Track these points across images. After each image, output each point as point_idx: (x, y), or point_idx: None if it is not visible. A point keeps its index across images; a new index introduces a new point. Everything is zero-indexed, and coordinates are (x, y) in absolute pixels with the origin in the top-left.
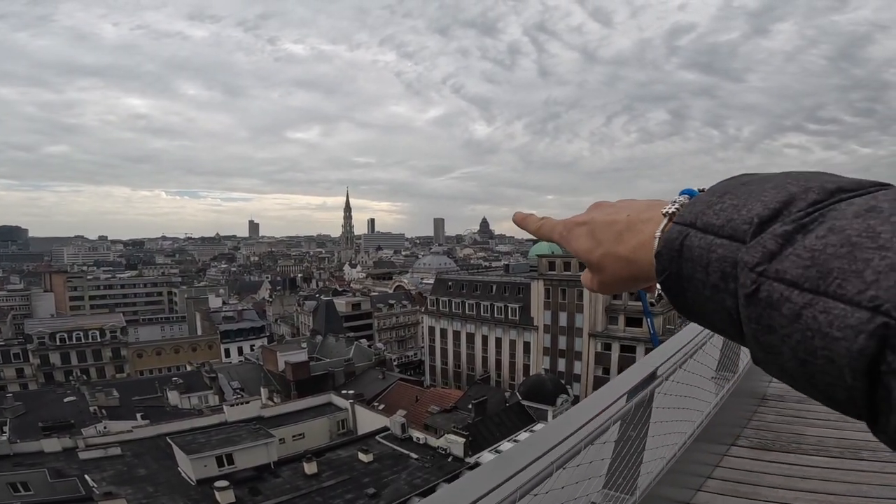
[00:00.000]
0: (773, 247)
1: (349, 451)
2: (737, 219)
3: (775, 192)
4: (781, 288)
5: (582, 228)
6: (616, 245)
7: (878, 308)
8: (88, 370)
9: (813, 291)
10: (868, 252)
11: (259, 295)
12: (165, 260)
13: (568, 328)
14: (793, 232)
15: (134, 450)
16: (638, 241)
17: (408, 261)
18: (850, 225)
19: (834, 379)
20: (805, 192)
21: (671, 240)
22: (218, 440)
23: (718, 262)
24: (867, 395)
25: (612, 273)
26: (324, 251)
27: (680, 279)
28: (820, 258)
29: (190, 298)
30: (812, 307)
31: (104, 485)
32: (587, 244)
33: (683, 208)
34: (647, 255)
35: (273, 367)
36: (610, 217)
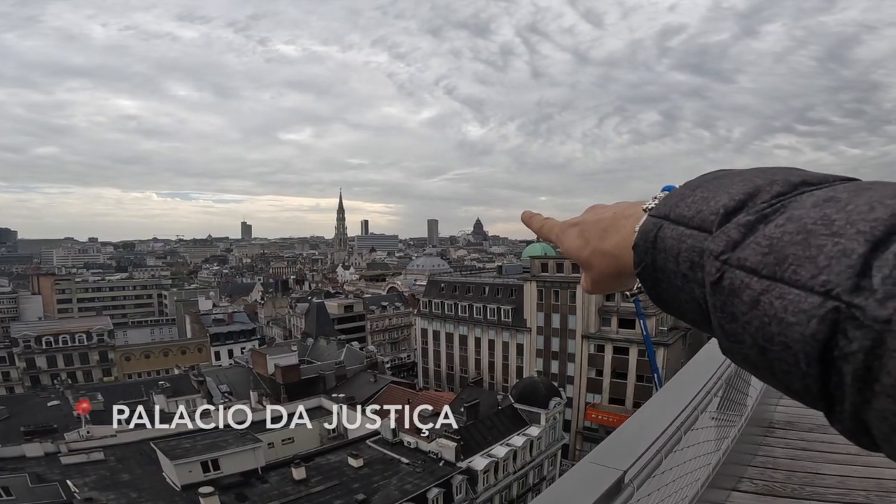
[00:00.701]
0: (736, 236)
1: (339, 456)
2: (705, 210)
3: (742, 185)
4: (742, 275)
5: (574, 229)
6: (601, 242)
7: (829, 293)
8: (75, 373)
9: (770, 278)
10: (822, 238)
11: (251, 297)
12: (156, 262)
13: (561, 330)
14: (755, 221)
15: (118, 455)
16: (620, 237)
17: (401, 262)
18: (808, 214)
19: (790, 366)
20: (770, 184)
21: (646, 231)
22: (203, 445)
23: (687, 251)
24: (821, 382)
25: (600, 270)
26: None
27: (655, 270)
28: (777, 245)
29: (179, 301)
30: (769, 293)
31: (86, 490)
32: (577, 243)
33: (659, 203)
34: (628, 251)
35: (263, 370)
36: (598, 216)
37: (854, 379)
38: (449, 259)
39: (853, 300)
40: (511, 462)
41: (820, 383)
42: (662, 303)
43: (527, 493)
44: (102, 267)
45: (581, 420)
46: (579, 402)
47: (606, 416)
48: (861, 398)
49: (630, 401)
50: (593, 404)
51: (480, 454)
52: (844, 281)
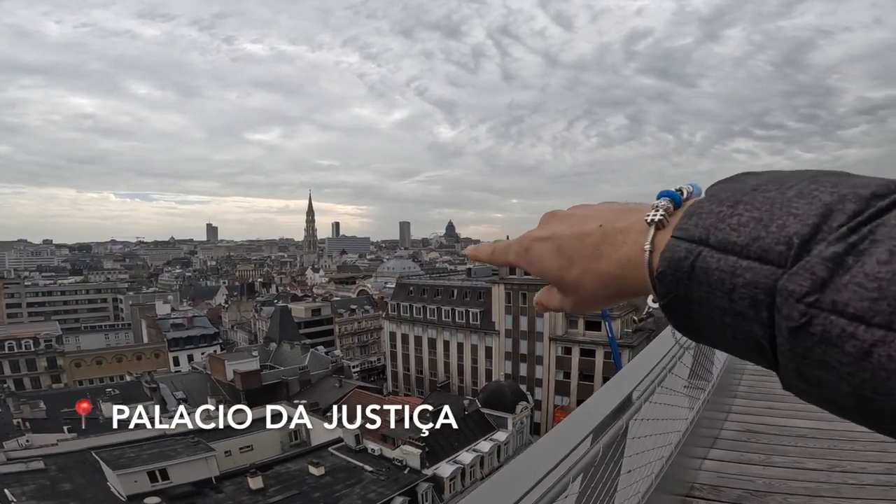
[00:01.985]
0: (823, 273)
1: (299, 465)
2: (766, 237)
3: (807, 204)
4: (842, 322)
5: (544, 245)
6: (595, 262)
7: None
8: (22, 380)
9: (887, 328)
10: None
11: (215, 301)
12: (114, 265)
13: (529, 332)
14: (843, 254)
15: (59, 464)
16: (622, 256)
17: (373, 265)
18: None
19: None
20: (840, 201)
21: (678, 259)
22: (150, 454)
23: (747, 287)
24: None
25: (594, 292)
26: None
27: (688, 303)
28: (891, 289)
29: (136, 305)
30: (887, 345)
31: (24, 499)
32: (555, 262)
33: (687, 222)
34: (637, 270)
35: (221, 376)
36: (579, 229)
37: None
38: (421, 261)
39: None
40: (478, 468)
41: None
42: (694, 333)
43: None
44: (56, 270)
45: (550, 423)
46: (548, 404)
47: None
48: None
49: None
50: (562, 407)
51: (447, 461)
52: None
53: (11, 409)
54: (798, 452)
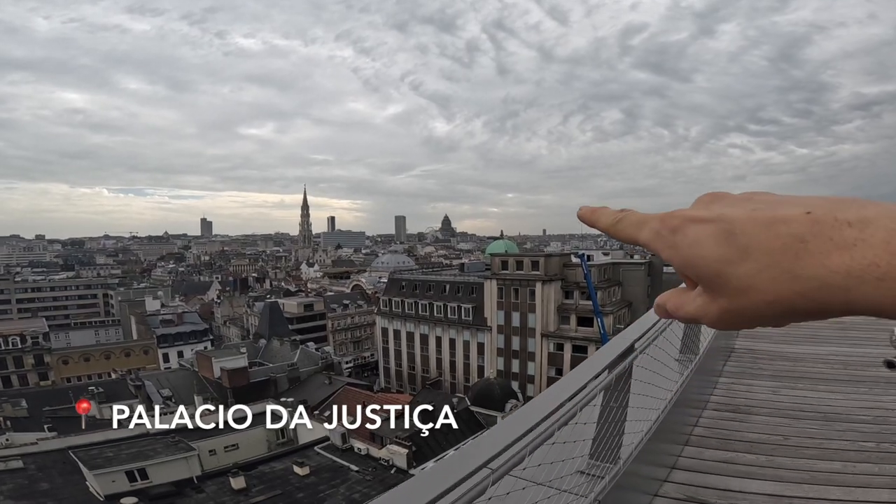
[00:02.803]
0: None
1: (284, 464)
2: None
3: None
4: None
5: (704, 228)
6: (792, 259)
7: None
8: (10, 378)
9: None
10: None
11: (208, 296)
12: (107, 260)
13: (521, 328)
14: None
15: (38, 463)
16: (854, 260)
17: (368, 259)
18: None
19: None
20: None
21: None
22: (129, 454)
23: None
24: None
25: (774, 300)
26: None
27: None
28: None
29: (125, 301)
30: None
31: (1, 499)
32: (717, 251)
33: None
34: (873, 288)
35: (209, 373)
36: (768, 214)
37: None
38: (416, 256)
39: None
40: None
41: None
42: None
43: None
44: (48, 265)
45: None
46: None
47: None
48: None
49: None
50: None
51: (434, 460)
52: None
53: None
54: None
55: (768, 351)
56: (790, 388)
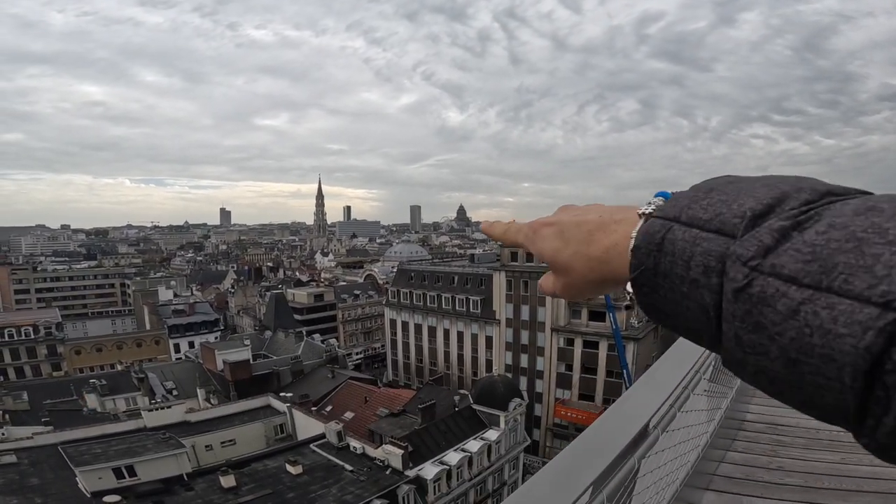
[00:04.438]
0: (768, 241)
1: (278, 462)
2: (726, 213)
3: (767, 190)
4: (777, 283)
5: (549, 229)
6: (587, 245)
7: (889, 304)
8: (23, 368)
9: (814, 287)
10: (877, 247)
11: (224, 286)
12: (128, 249)
13: (530, 322)
14: (789, 227)
15: (32, 458)
16: (611, 241)
17: (382, 249)
18: (853, 221)
19: (827, 379)
20: (797, 191)
21: (652, 233)
22: (117, 451)
23: (702, 255)
24: (861, 397)
25: (581, 275)
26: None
27: (655, 275)
28: (823, 253)
29: (138, 291)
30: (812, 303)
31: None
32: (554, 244)
33: (665, 205)
34: (621, 256)
35: (213, 365)
36: (579, 217)
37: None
38: (430, 245)
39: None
40: (466, 468)
41: (859, 398)
42: (656, 311)
43: (486, 500)
44: (71, 255)
45: (551, 416)
46: (549, 397)
47: (576, 414)
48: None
49: (599, 397)
50: (563, 400)
51: (432, 461)
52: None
53: None
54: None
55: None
56: None
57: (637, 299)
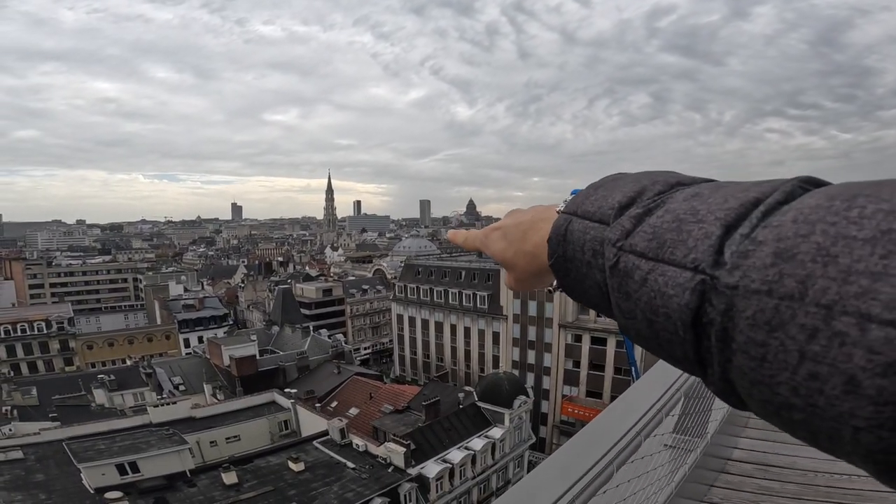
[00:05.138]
0: (628, 226)
1: (281, 458)
2: (605, 206)
3: (632, 185)
4: (633, 258)
5: (497, 233)
6: (522, 243)
7: (696, 268)
8: (36, 363)
9: (654, 259)
10: (690, 225)
11: (234, 280)
12: (142, 244)
13: (538, 318)
14: (643, 214)
15: (39, 454)
16: (539, 237)
17: (392, 243)
18: (679, 206)
19: (671, 335)
20: (653, 184)
21: (558, 226)
22: (121, 447)
23: (591, 241)
24: (696, 347)
25: (523, 269)
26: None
27: (565, 261)
28: (658, 232)
29: (149, 285)
30: (654, 272)
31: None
32: (501, 245)
33: (570, 201)
34: (545, 249)
35: (219, 361)
36: (518, 219)
37: (717, 340)
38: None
39: (714, 272)
40: (469, 467)
41: (695, 349)
42: (571, 290)
43: (489, 498)
44: (86, 250)
45: (557, 413)
46: (556, 394)
47: (583, 411)
48: (723, 357)
49: (607, 394)
50: (570, 397)
51: (434, 459)
52: (707, 258)
53: (3, 396)
54: None
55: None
56: None
57: (557, 282)
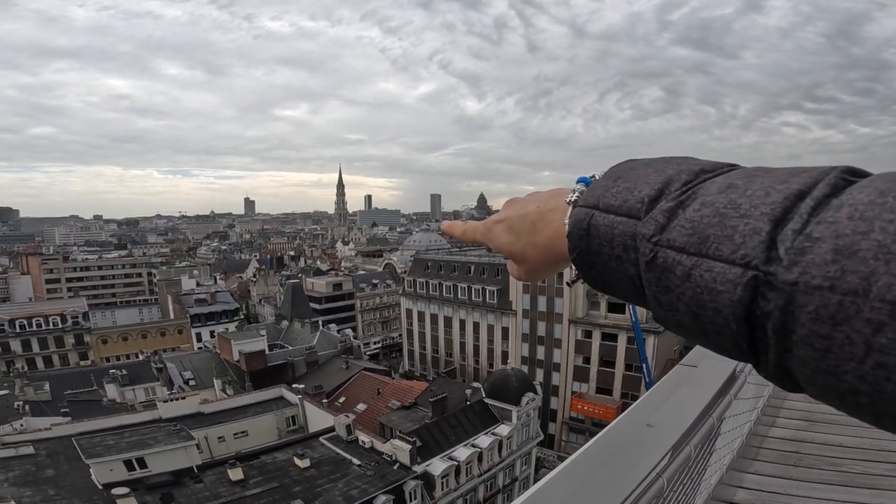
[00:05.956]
0: (662, 220)
1: (287, 455)
2: (631, 199)
3: (657, 175)
4: (673, 254)
5: (500, 225)
6: (533, 236)
7: (748, 264)
8: (51, 357)
9: (697, 254)
10: (734, 220)
11: (246, 274)
12: (157, 239)
13: (547, 313)
14: (675, 207)
15: (49, 449)
16: (552, 230)
17: (402, 237)
18: (717, 199)
19: (721, 327)
20: (678, 173)
21: (579, 220)
22: (129, 442)
23: (620, 236)
24: (749, 338)
25: (535, 260)
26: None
27: (588, 255)
28: (699, 227)
29: (162, 280)
30: (699, 267)
31: (5, 485)
32: (507, 238)
33: (585, 193)
34: (561, 241)
35: (229, 355)
36: (522, 211)
37: (775, 332)
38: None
39: (768, 268)
40: (476, 464)
41: (748, 340)
42: (596, 282)
43: (495, 495)
44: (103, 245)
45: (567, 410)
46: (565, 390)
47: (592, 408)
48: (782, 348)
49: (618, 391)
50: (580, 394)
51: (440, 456)
52: (759, 254)
53: (16, 391)
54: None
55: None
56: None
57: (580, 274)
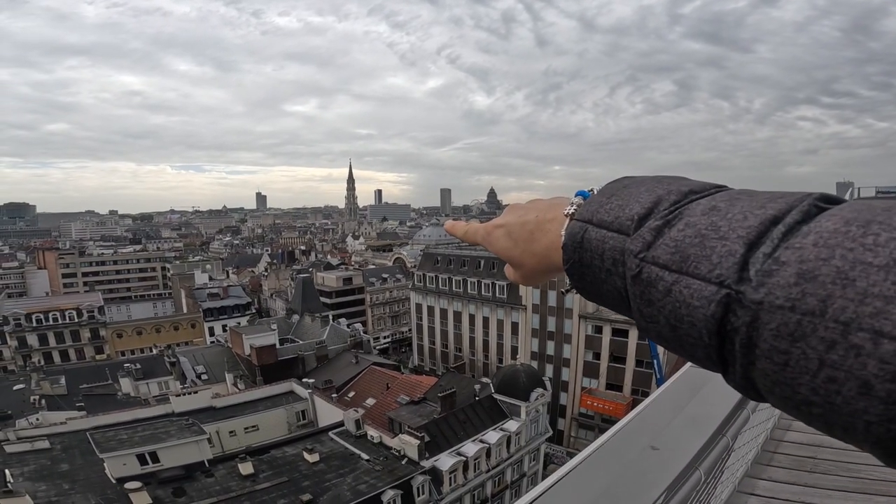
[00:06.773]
0: (649, 238)
1: (297, 449)
2: (622, 216)
3: (648, 195)
4: (656, 270)
5: (500, 230)
6: (530, 244)
7: (722, 283)
8: (67, 351)
9: (678, 272)
10: (713, 241)
11: (258, 269)
12: (171, 234)
13: (557, 308)
14: (662, 226)
15: (65, 444)
16: (549, 240)
17: (412, 232)
18: (699, 221)
19: (695, 339)
20: (668, 193)
21: (574, 234)
22: (142, 437)
23: (610, 251)
24: (719, 350)
25: (531, 267)
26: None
27: (581, 266)
28: (681, 246)
29: (175, 274)
30: (678, 284)
31: (21, 480)
32: (506, 244)
33: (581, 208)
34: (556, 251)
35: (240, 350)
36: (521, 219)
37: (741, 346)
38: None
39: (738, 288)
40: (484, 460)
41: (718, 351)
42: (586, 292)
43: (503, 491)
44: (118, 240)
45: (576, 406)
46: (575, 386)
47: (602, 404)
48: (747, 360)
49: (628, 388)
50: (589, 390)
51: (448, 452)
52: (732, 274)
53: (32, 385)
54: None
55: None
56: None
57: (572, 284)
